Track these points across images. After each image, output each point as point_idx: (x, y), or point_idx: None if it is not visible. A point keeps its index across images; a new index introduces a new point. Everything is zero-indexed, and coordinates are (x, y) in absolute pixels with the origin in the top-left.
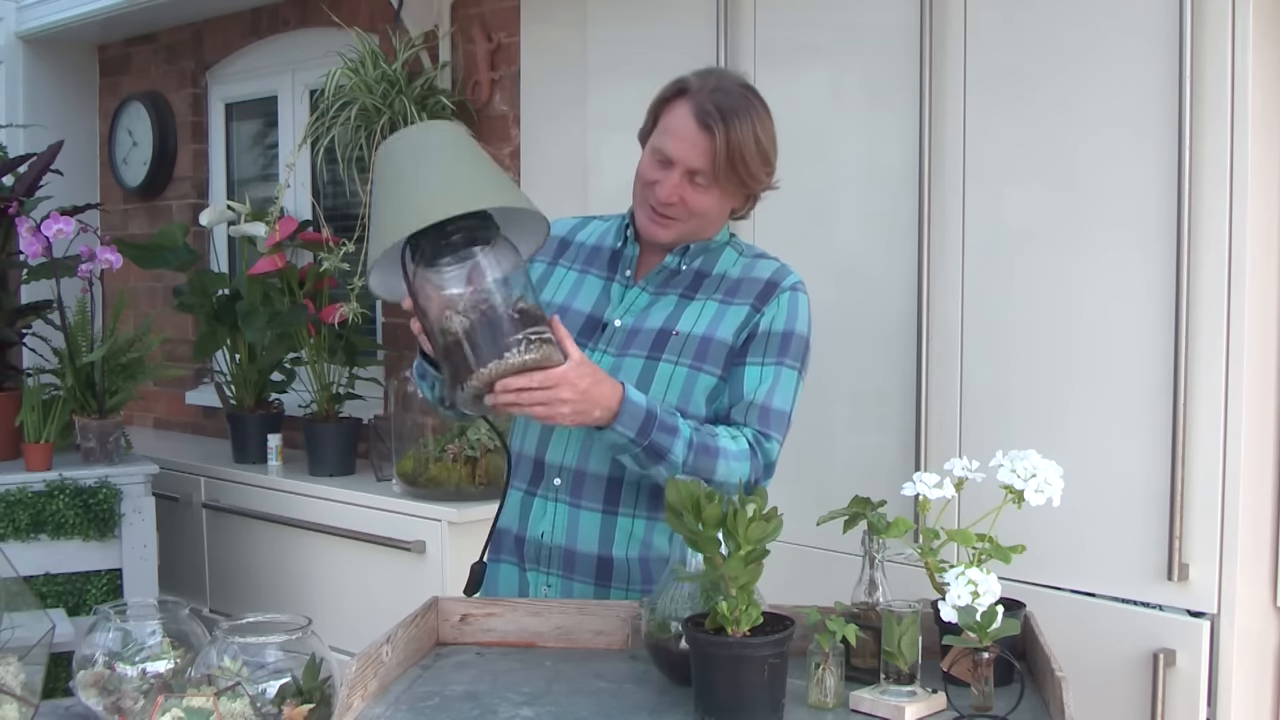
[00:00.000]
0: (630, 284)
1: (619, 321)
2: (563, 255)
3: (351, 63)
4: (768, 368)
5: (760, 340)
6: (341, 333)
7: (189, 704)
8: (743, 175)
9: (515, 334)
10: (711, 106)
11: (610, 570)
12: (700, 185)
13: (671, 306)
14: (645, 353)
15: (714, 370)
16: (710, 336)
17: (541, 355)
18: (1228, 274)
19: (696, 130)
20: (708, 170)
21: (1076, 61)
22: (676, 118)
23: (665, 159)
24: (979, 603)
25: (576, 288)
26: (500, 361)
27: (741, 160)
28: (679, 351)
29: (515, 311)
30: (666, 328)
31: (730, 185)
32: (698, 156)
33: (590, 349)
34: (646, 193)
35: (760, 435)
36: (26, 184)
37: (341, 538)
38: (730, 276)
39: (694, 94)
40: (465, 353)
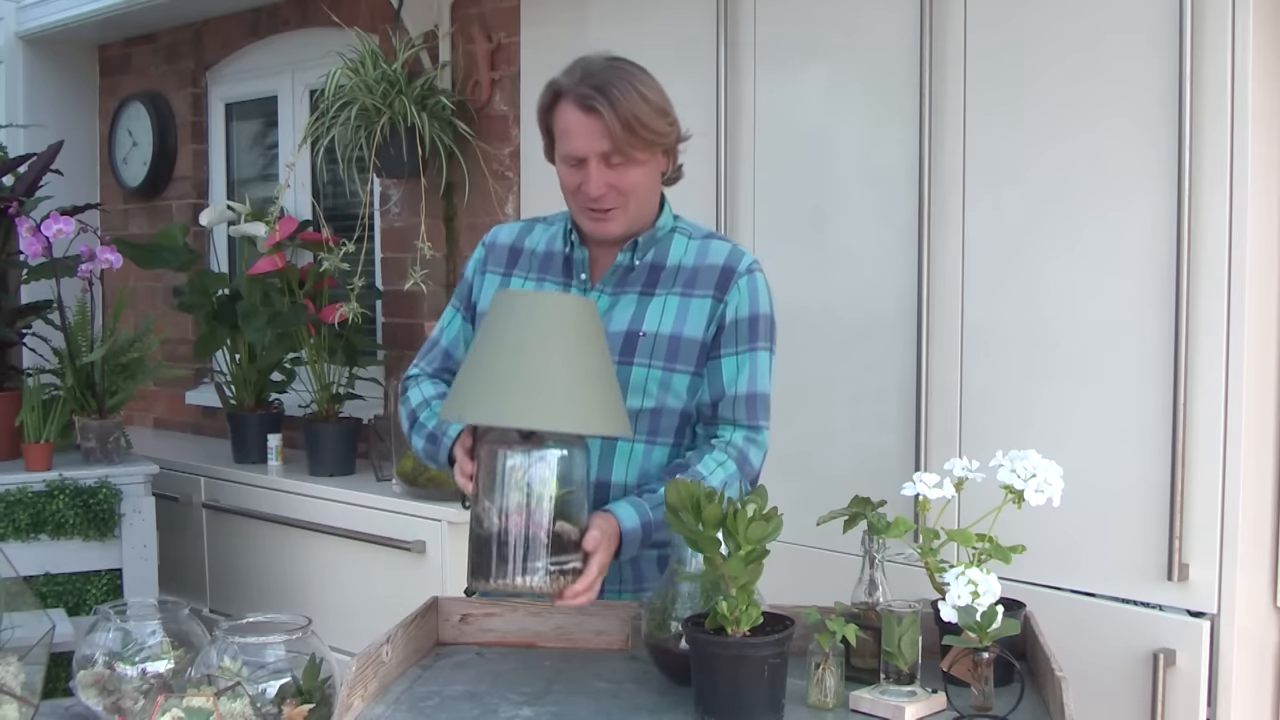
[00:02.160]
0: (588, 288)
1: None
2: (515, 265)
3: (351, 63)
4: (742, 356)
5: (730, 330)
6: (341, 333)
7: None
8: (645, 136)
9: (541, 559)
10: (587, 89)
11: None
12: (617, 164)
13: (633, 306)
14: (616, 358)
15: (687, 368)
16: (679, 335)
17: (559, 588)
18: (1228, 274)
19: (584, 118)
20: (613, 147)
21: (1076, 62)
22: (564, 118)
23: (575, 160)
24: (979, 603)
25: None
26: (520, 580)
27: (637, 122)
28: (650, 354)
29: (550, 534)
30: (633, 329)
31: (641, 150)
32: (599, 139)
33: None
34: (578, 199)
35: (750, 430)
36: (26, 184)
37: (341, 538)
38: (685, 266)
39: (567, 90)
40: (490, 553)
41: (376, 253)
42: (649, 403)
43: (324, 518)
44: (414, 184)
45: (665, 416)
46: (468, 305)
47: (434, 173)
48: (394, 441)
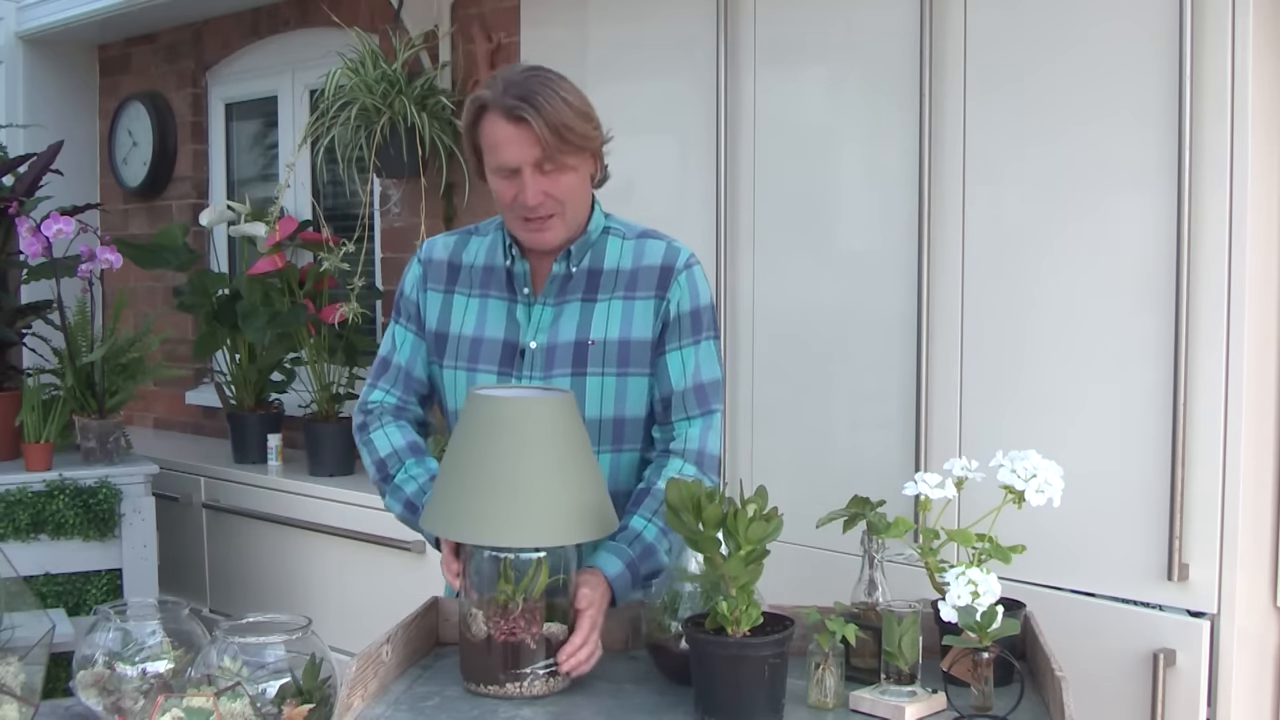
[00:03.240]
0: (532, 301)
1: (534, 344)
2: (455, 280)
3: (351, 63)
4: (687, 350)
5: (674, 327)
6: (341, 333)
7: (189, 704)
8: (574, 140)
9: (531, 665)
10: (512, 100)
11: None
12: (550, 171)
13: (577, 314)
14: (569, 370)
15: (642, 370)
16: (628, 340)
17: (552, 689)
18: (1228, 274)
19: (512, 128)
20: (544, 154)
21: (1076, 61)
22: (491, 130)
23: (508, 170)
24: (979, 603)
25: (482, 315)
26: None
27: (565, 128)
28: (601, 362)
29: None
30: (581, 339)
31: (571, 155)
32: (529, 147)
33: (515, 376)
34: (515, 210)
35: (704, 416)
36: (26, 184)
37: (341, 538)
38: (624, 269)
39: (492, 103)
40: (481, 660)
41: (376, 253)
42: (608, 411)
43: (324, 518)
44: (414, 184)
45: (628, 424)
46: (417, 322)
47: (434, 173)
48: None
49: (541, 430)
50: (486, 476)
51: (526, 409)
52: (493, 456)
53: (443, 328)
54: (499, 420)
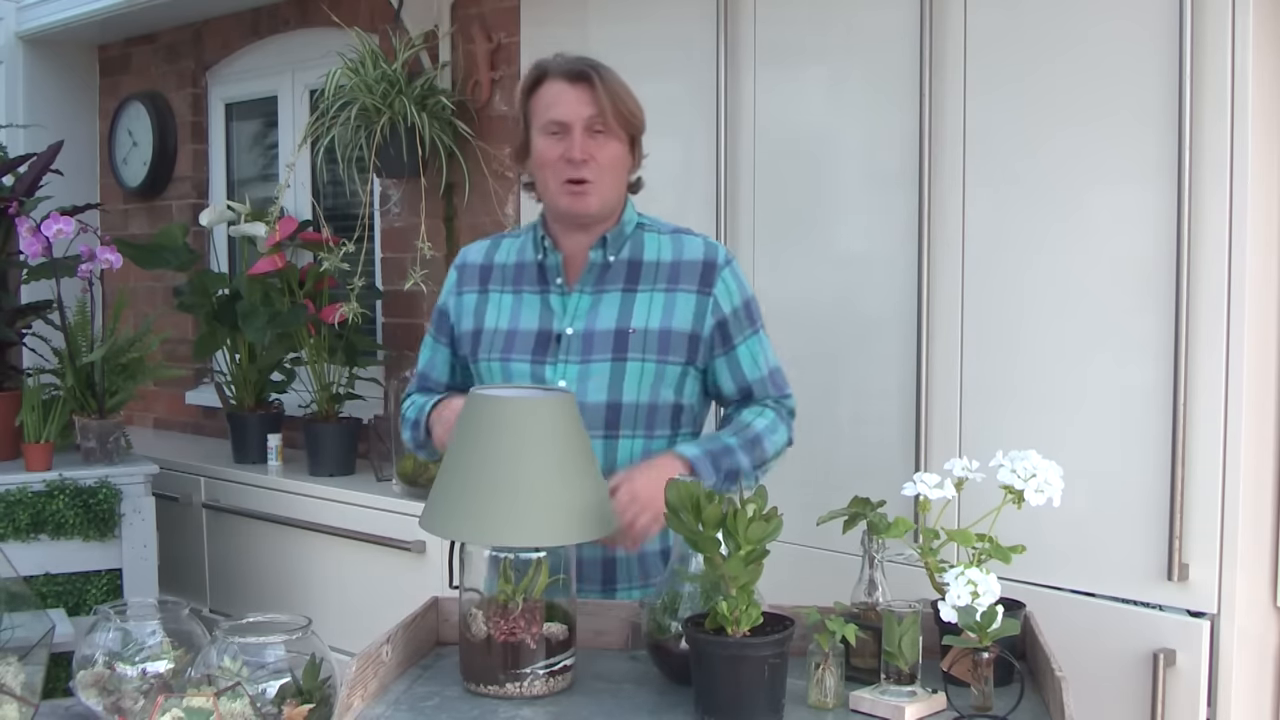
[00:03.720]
0: (566, 291)
1: (570, 330)
2: (489, 280)
3: (351, 63)
4: (750, 341)
5: (732, 322)
6: (341, 333)
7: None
8: (626, 114)
9: (531, 665)
10: (576, 65)
11: (614, 571)
12: (600, 133)
13: (617, 303)
14: (609, 355)
15: (678, 360)
16: (668, 329)
17: (547, 690)
18: (1228, 274)
19: (572, 88)
20: (598, 113)
21: (1077, 61)
22: (550, 92)
23: (558, 126)
24: (979, 603)
25: (516, 308)
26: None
27: (620, 99)
28: (642, 348)
29: (539, 639)
30: (621, 327)
31: (620, 126)
32: (586, 104)
33: (550, 363)
34: (557, 170)
35: (779, 399)
36: (26, 184)
37: (341, 538)
38: (664, 262)
39: (553, 68)
40: (480, 660)
41: (376, 253)
42: (644, 397)
43: (324, 518)
44: (414, 184)
45: (659, 410)
46: (443, 330)
47: (434, 173)
48: (394, 442)
49: (541, 430)
50: (486, 476)
51: (526, 409)
52: (493, 456)
53: (478, 324)
54: (499, 420)
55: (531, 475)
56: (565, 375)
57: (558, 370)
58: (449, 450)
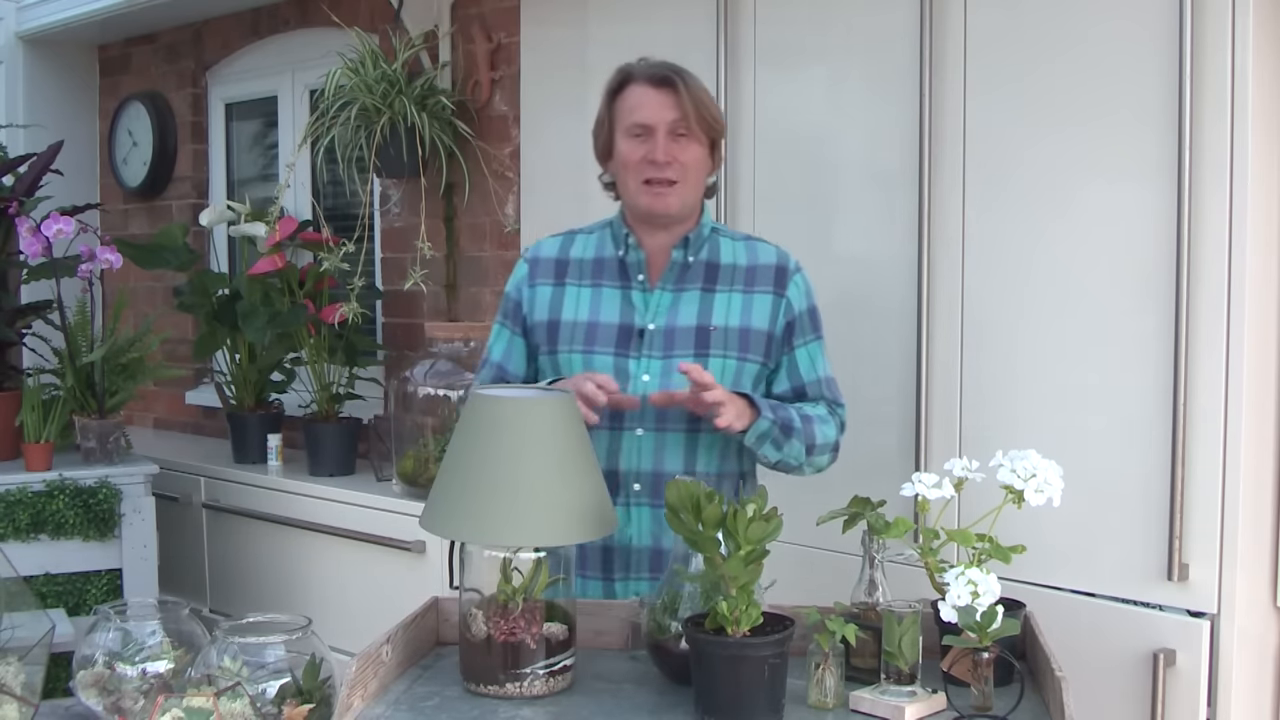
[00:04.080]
0: (648, 288)
1: (652, 325)
2: (565, 274)
3: (351, 63)
4: (811, 345)
5: (798, 324)
6: (341, 333)
7: (189, 704)
8: (709, 119)
9: (531, 665)
10: (660, 70)
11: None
12: (682, 136)
13: (697, 302)
14: (691, 350)
15: (756, 358)
16: (747, 328)
17: (547, 690)
18: (1228, 274)
19: (657, 92)
20: (681, 117)
21: (1077, 61)
22: (635, 95)
23: (642, 129)
24: (979, 603)
25: (596, 302)
26: (511, 687)
27: (702, 104)
28: (723, 345)
29: (539, 639)
30: (702, 324)
31: (702, 130)
32: (670, 108)
33: (634, 356)
34: (639, 172)
35: (832, 404)
36: (26, 184)
37: (341, 538)
38: (740, 265)
39: (637, 73)
40: (481, 661)
41: (376, 253)
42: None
43: (324, 518)
44: (414, 184)
45: None
46: (516, 320)
47: (434, 173)
48: (394, 441)
49: (541, 430)
50: (486, 476)
51: (526, 409)
52: (493, 456)
53: (555, 316)
54: (499, 420)
55: (531, 475)
56: (649, 370)
57: (641, 364)
58: (449, 450)
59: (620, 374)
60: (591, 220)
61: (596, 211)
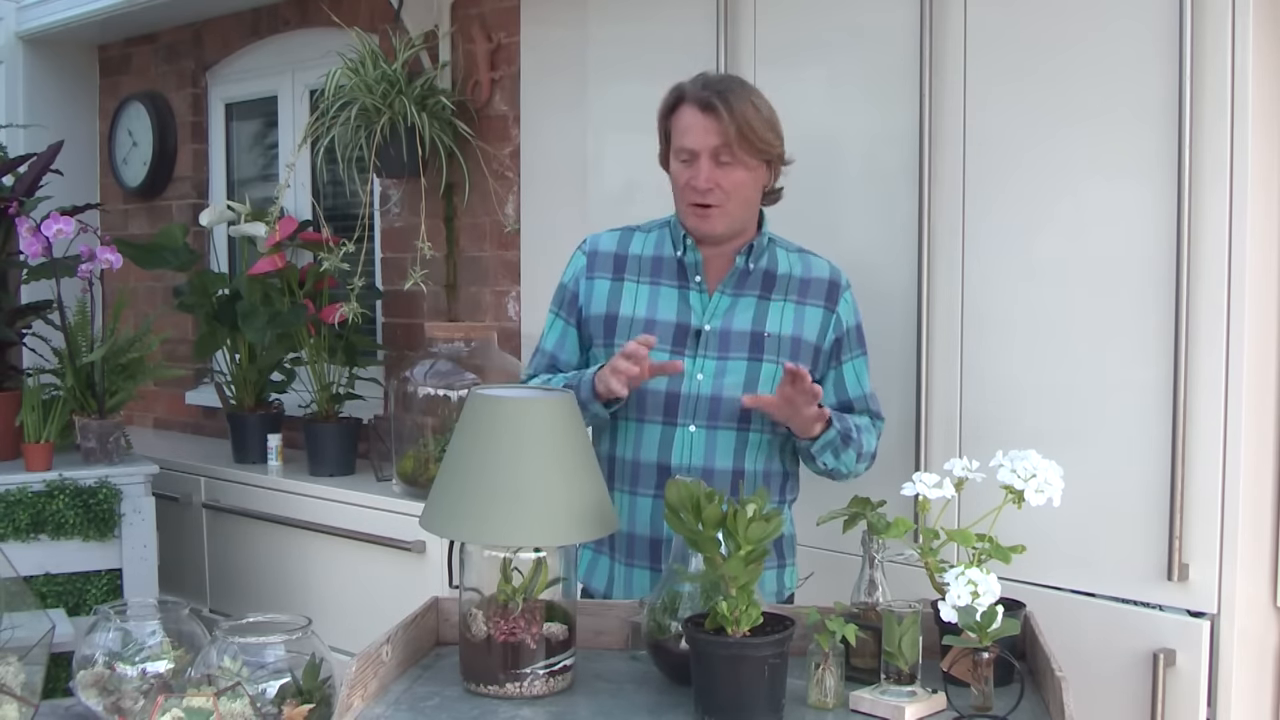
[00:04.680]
0: (705, 289)
1: (708, 326)
2: (624, 269)
3: (351, 63)
4: (857, 361)
5: (846, 339)
6: (341, 333)
7: (189, 704)
8: (754, 141)
9: (531, 665)
10: (708, 94)
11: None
12: (726, 163)
13: (753, 308)
14: (746, 354)
15: (806, 367)
16: (798, 337)
17: (547, 690)
18: (1228, 274)
19: (702, 117)
20: (724, 144)
21: (1077, 61)
22: (684, 117)
23: (688, 154)
24: (979, 603)
25: (654, 300)
26: (511, 687)
27: (749, 127)
28: (776, 352)
29: (539, 639)
30: (757, 330)
31: (748, 154)
32: (714, 135)
33: (690, 355)
34: (686, 195)
35: (874, 416)
36: (26, 184)
37: (341, 538)
38: (795, 276)
39: (689, 94)
40: (481, 661)
41: (376, 253)
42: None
43: (324, 518)
44: (414, 184)
45: None
46: (571, 311)
47: (434, 173)
48: (394, 441)
49: (541, 430)
50: (486, 476)
51: (526, 409)
52: (493, 456)
53: (613, 310)
54: (499, 420)
55: (531, 475)
56: (704, 369)
57: (697, 363)
58: (449, 450)
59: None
60: (586, 218)
61: (596, 211)
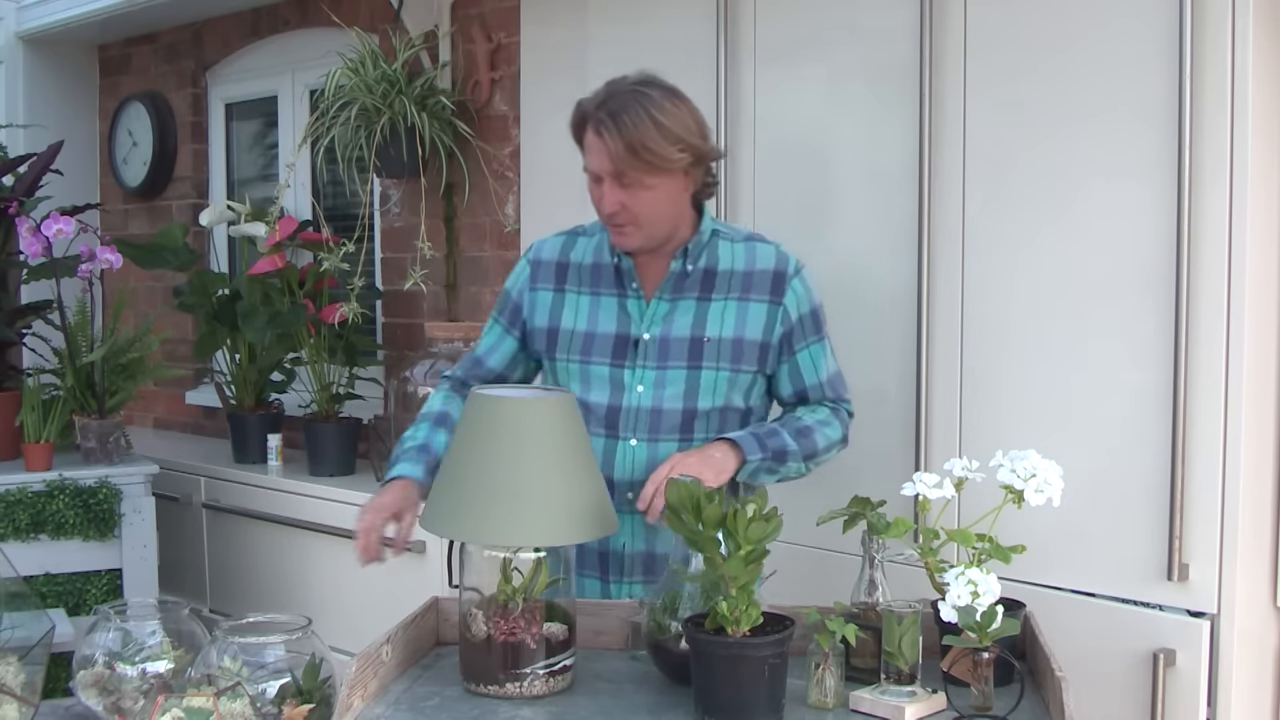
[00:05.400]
0: (642, 296)
1: (647, 335)
2: (565, 279)
3: (351, 63)
4: (814, 347)
5: (798, 329)
6: (341, 333)
7: (189, 704)
8: (650, 160)
9: (531, 665)
10: (602, 114)
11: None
12: (628, 185)
13: (692, 311)
14: (685, 363)
15: (750, 368)
16: (740, 338)
17: (547, 690)
18: (1228, 274)
19: (597, 139)
20: (615, 169)
21: (1077, 61)
22: (587, 136)
23: (593, 176)
24: (979, 603)
25: (594, 310)
26: (511, 687)
27: (642, 148)
28: (716, 357)
29: (539, 639)
30: (696, 335)
31: (645, 173)
32: (608, 160)
33: (629, 367)
34: (598, 213)
35: (836, 400)
36: (26, 184)
37: (341, 538)
38: (739, 271)
39: (590, 113)
40: (481, 661)
41: (376, 253)
42: (718, 401)
43: (324, 518)
44: (414, 184)
45: (730, 414)
46: (513, 319)
47: (434, 173)
48: (394, 441)
49: (541, 430)
50: (486, 476)
51: (526, 409)
52: (493, 456)
53: (554, 323)
54: (499, 420)
55: (531, 475)
56: (643, 380)
57: (635, 374)
58: (449, 450)
59: (615, 384)
60: (586, 218)
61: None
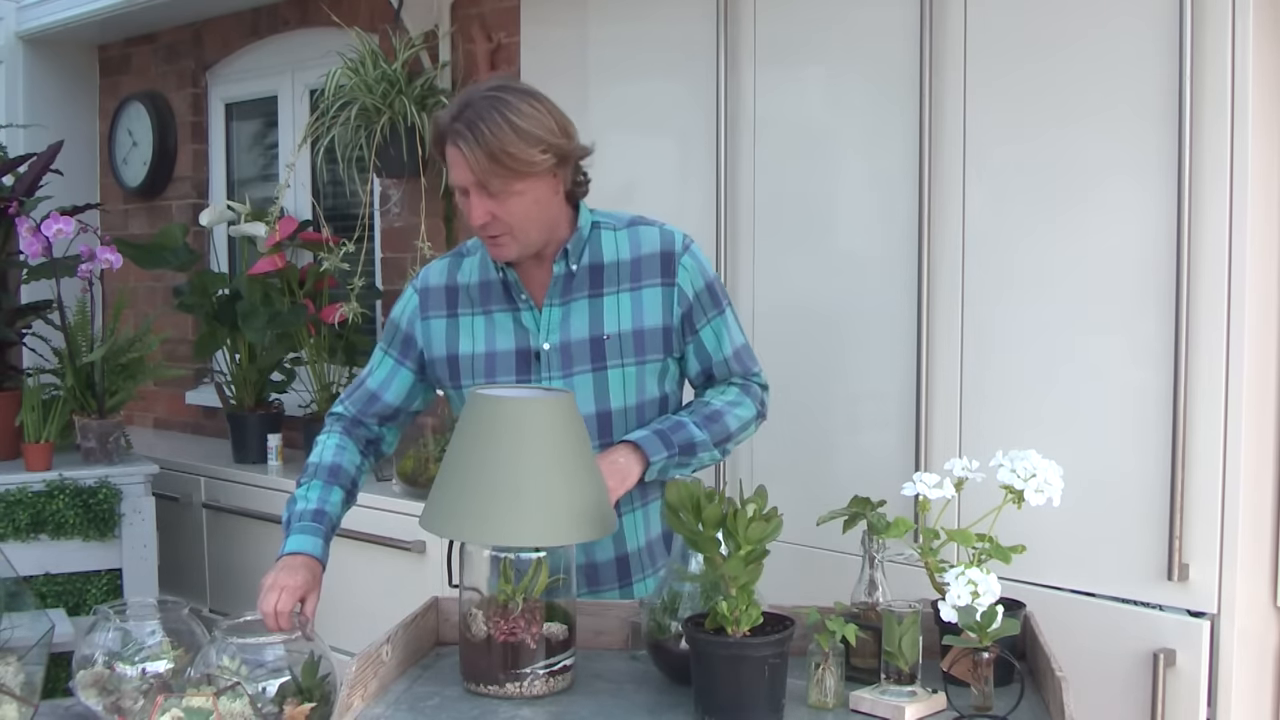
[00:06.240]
0: (534, 306)
1: (547, 345)
2: (456, 304)
3: (351, 63)
4: (715, 322)
5: (696, 307)
6: (341, 333)
7: (189, 704)
8: (512, 166)
9: (531, 665)
10: (459, 125)
11: (628, 567)
12: (495, 194)
13: (586, 311)
14: (589, 365)
15: (656, 356)
16: (640, 330)
17: (547, 690)
18: (1228, 274)
19: (457, 152)
20: (478, 179)
21: (1077, 61)
22: (448, 152)
23: (459, 190)
24: (979, 603)
25: (490, 330)
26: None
27: (503, 153)
28: (620, 354)
29: (539, 639)
30: (595, 335)
31: (510, 179)
32: (467, 171)
33: (534, 379)
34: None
35: (745, 375)
36: (26, 184)
37: (341, 538)
38: (624, 260)
39: (446, 127)
40: (481, 661)
41: (376, 253)
42: (630, 400)
43: None
44: (414, 184)
45: (647, 407)
46: (405, 351)
47: (434, 173)
48: None
49: (541, 430)
50: (486, 476)
51: (526, 409)
52: (493, 456)
53: (453, 350)
54: (499, 420)
55: (531, 475)
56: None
57: (540, 384)
58: (449, 450)
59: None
60: None
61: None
